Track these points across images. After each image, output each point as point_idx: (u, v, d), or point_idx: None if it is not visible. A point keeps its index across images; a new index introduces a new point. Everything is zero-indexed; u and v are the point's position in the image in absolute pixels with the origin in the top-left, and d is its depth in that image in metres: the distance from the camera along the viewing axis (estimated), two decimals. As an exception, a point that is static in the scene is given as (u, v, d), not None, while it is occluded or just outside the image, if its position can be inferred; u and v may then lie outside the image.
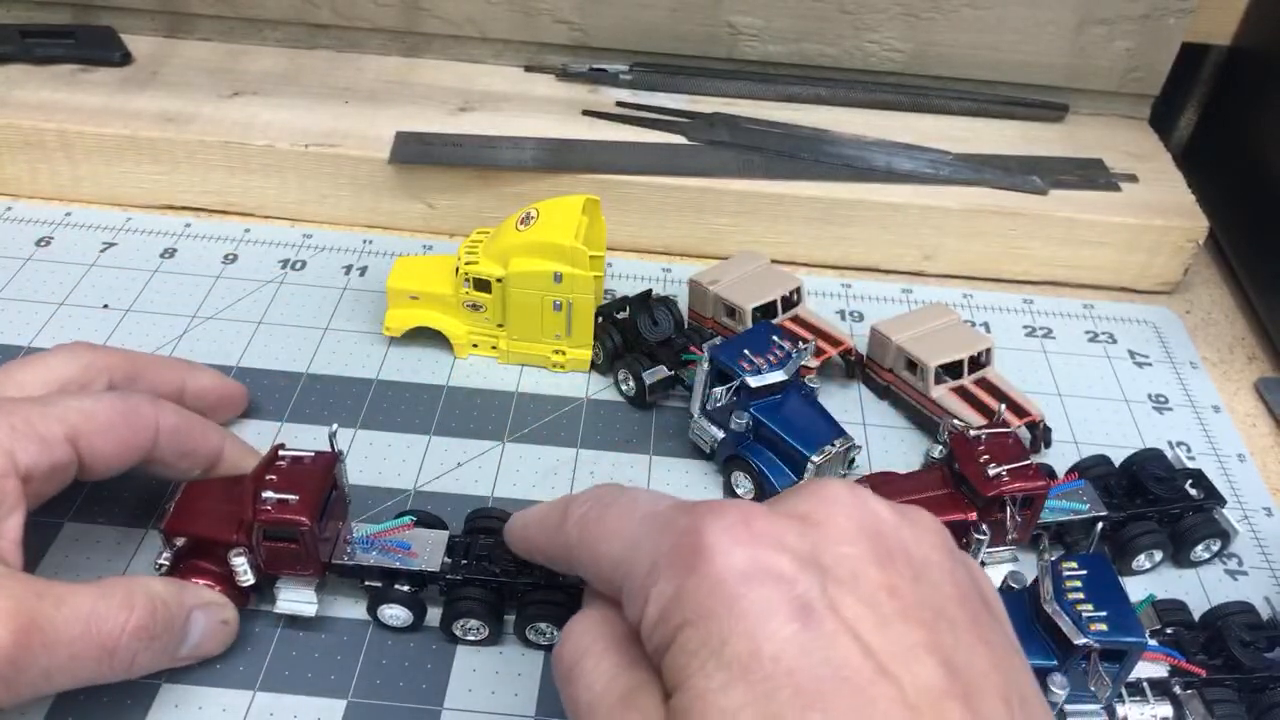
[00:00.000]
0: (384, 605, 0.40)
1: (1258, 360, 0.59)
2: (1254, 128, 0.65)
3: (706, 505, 0.28)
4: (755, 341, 0.47)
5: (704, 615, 0.26)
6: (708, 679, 0.25)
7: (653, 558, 0.28)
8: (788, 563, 0.26)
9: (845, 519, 0.28)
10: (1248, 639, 0.39)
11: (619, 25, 0.66)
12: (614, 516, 0.31)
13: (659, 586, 0.27)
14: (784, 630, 0.25)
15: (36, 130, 0.59)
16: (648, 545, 0.29)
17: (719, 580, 0.26)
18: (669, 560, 0.27)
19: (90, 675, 0.34)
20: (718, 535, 0.27)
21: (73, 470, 0.37)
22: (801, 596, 0.26)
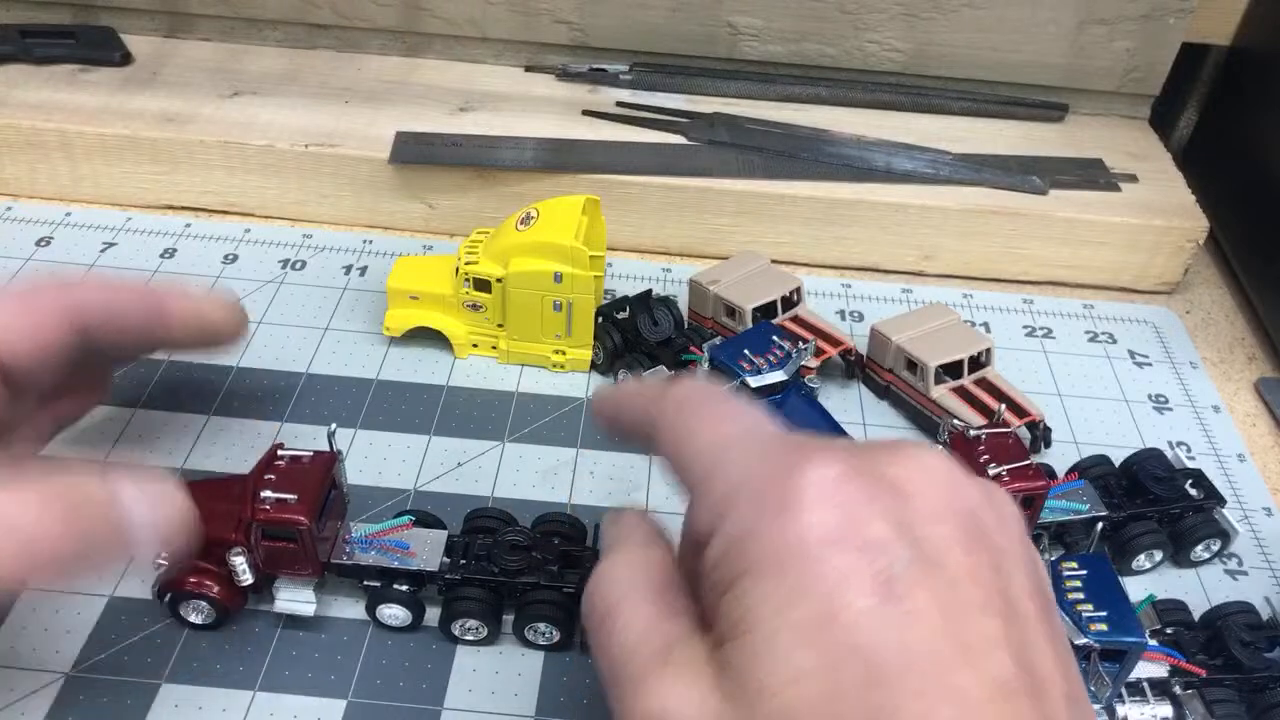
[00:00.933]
0: (383, 605, 0.40)
1: (1258, 360, 0.59)
2: (1254, 128, 0.65)
3: (812, 449, 0.27)
4: (755, 341, 0.47)
5: (777, 569, 0.25)
6: (771, 637, 0.24)
7: (739, 480, 0.27)
8: (877, 533, 0.25)
9: (937, 494, 0.26)
10: (1248, 639, 0.39)
11: (619, 25, 0.66)
12: (719, 412, 0.30)
13: (736, 517, 0.26)
14: (862, 602, 0.24)
15: (36, 130, 0.59)
16: (739, 462, 0.27)
17: (801, 538, 0.25)
18: (754, 493, 0.26)
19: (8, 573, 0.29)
20: (813, 488, 0.25)
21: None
22: (885, 571, 0.24)
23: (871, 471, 0.26)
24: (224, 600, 0.39)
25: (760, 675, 0.24)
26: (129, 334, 0.39)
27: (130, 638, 0.40)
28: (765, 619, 0.24)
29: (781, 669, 0.24)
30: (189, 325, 0.40)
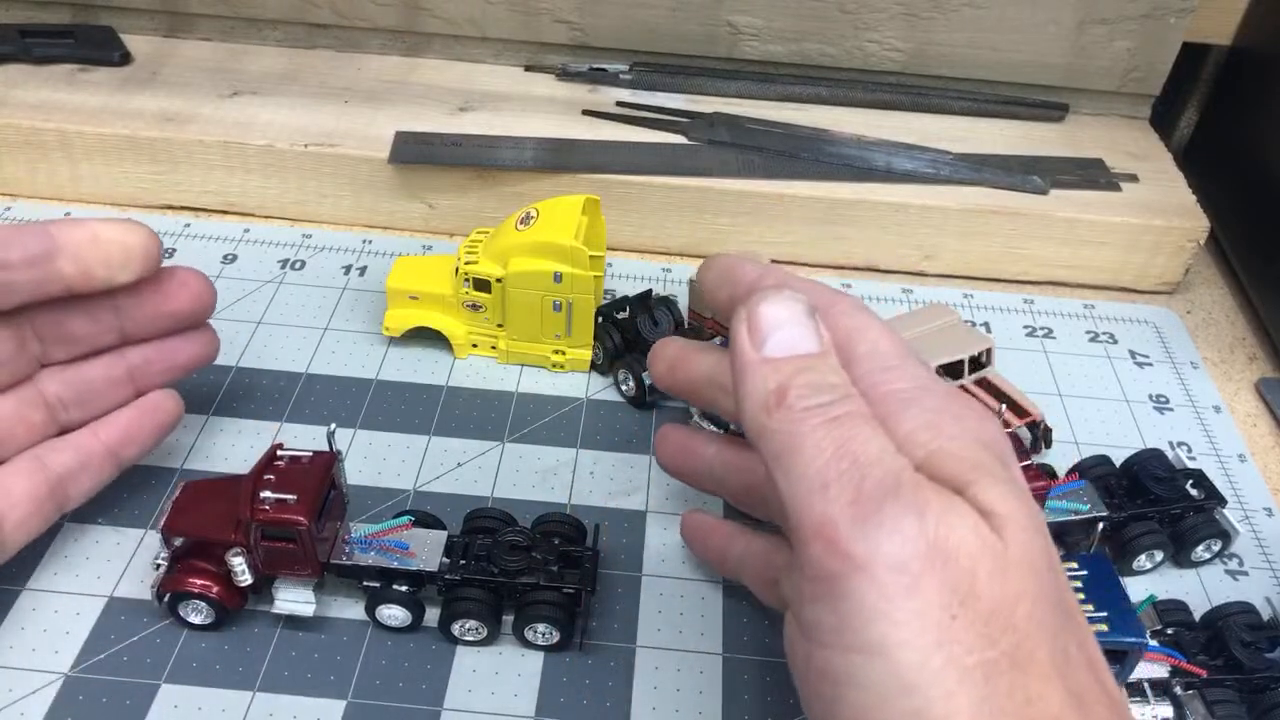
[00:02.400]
0: (382, 605, 0.40)
1: (1258, 360, 0.59)
2: (1254, 128, 0.65)
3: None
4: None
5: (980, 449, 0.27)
6: (1005, 494, 0.26)
7: (916, 379, 0.28)
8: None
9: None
10: (1248, 639, 0.39)
11: (619, 25, 0.66)
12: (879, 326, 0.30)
13: (923, 400, 0.27)
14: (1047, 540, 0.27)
15: (36, 130, 0.59)
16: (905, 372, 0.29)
17: (997, 433, 0.28)
18: (943, 397, 0.28)
19: None
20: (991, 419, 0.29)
21: None
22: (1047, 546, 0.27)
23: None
24: (223, 600, 0.39)
25: (1016, 517, 0.26)
26: (13, 269, 0.36)
27: (130, 638, 0.40)
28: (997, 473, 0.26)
29: (1027, 514, 0.26)
30: (89, 253, 0.38)
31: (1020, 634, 0.24)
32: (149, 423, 0.42)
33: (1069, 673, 0.24)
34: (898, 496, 0.25)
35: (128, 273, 0.39)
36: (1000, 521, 0.25)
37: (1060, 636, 0.25)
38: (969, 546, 0.24)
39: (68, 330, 0.40)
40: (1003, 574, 0.24)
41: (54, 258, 0.37)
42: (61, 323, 0.39)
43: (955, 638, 0.23)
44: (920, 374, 0.28)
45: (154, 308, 0.41)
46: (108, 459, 0.41)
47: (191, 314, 0.43)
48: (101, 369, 0.41)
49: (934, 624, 0.23)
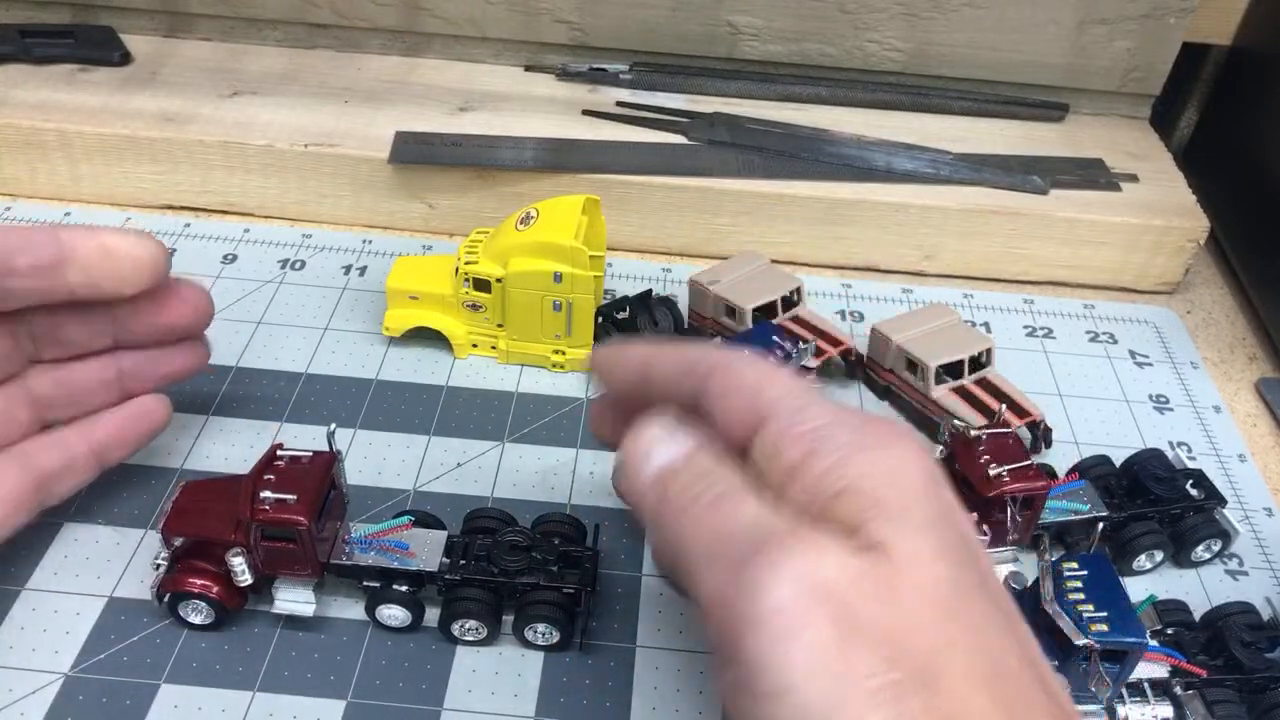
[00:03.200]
0: (382, 605, 0.40)
1: (1258, 360, 0.59)
2: (1254, 128, 0.65)
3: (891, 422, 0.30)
4: (755, 341, 0.47)
5: (894, 480, 0.27)
6: (903, 522, 0.26)
7: (831, 418, 0.29)
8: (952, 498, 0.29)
9: None
10: (1248, 639, 0.39)
11: (619, 25, 0.66)
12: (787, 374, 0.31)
13: (841, 438, 0.28)
14: (966, 524, 0.28)
15: (36, 130, 0.59)
16: (828, 408, 0.29)
17: (906, 467, 0.28)
18: (854, 429, 0.28)
19: None
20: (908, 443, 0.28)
21: None
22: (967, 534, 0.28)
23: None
24: (223, 600, 0.39)
25: (900, 549, 0.26)
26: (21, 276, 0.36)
27: (130, 638, 0.40)
28: (893, 509, 0.27)
29: (920, 545, 0.26)
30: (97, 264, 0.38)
31: (926, 654, 0.25)
32: (137, 427, 0.42)
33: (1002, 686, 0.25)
34: (768, 550, 0.26)
35: (134, 287, 0.39)
36: (889, 552, 0.26)
37: (988, 651, 0.25)
38: (842, 579, 0.25)
39: (63, 333, 0.40)
40: (892, 601, 0.25)
41: (62, 267, 0.37)
42: (58, 326, 0.39)
43: (851, 666, 0.24)
44: (830, 411, 0.29)
45: (152, 318, 0.41)
46: (92, 459, 0.41)
47: (188, 328, 0.43)
48: (92, 371, 0.41)
49: (827, 656, 0.24)
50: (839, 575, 0.25)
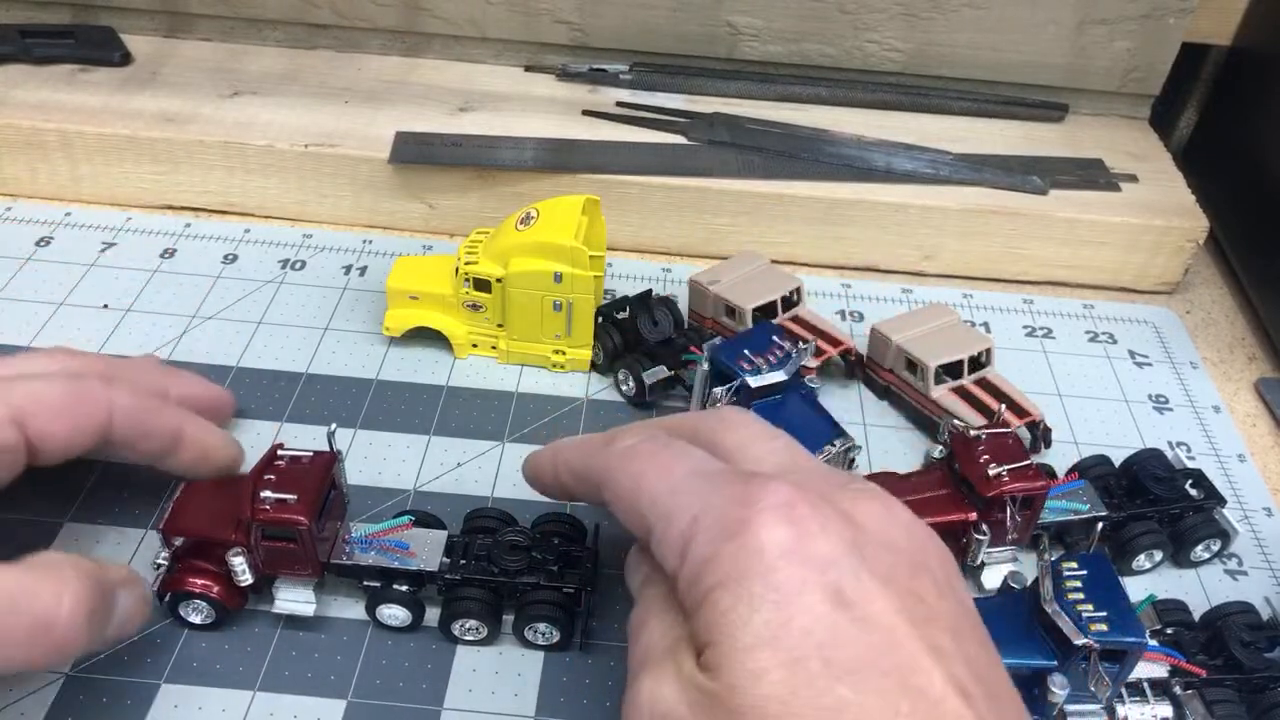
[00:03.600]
0: (382, 605, 0.40)
1: (1258, 360, 0.59)
2: (1254, 128, 0.65)
3: (761, 480, 0.30)
4: (755, 341, 0.47)
5: (739, 580, 0.27)
6: (735, 638, 0.27)
7: (694, 513, 0.29)
8: (827, 549, 0.28)
9: (884, 527, 0.29)
10: (1248, 639, 0.39)
11: (619, 25, 0.66)
12: (665, 458, 0.32)
13: (697, 545, 0.29)
14: (817, 608, 0.27)
15: (36, 130, 0.59)
16: (692, 499, 0.30)
17: (759, 550, 0.27)
18: (713, 522, 0.29)
19: (24, 657, 0.32)
20: (765, 511, 0.28)
21: (21, 455, 0.36)
22: (835, 583, 0.27)
23: (823, 499, 0.29)
24: (224, 600, 0.39)
25: (729, 675, 0.26)
26: (140, 446, 0.40)
27: (130, 638, 0.40)
28: (731, 626, 0.27)
29: (747, 667, 0.26)
30: (194, 461, 0.42)
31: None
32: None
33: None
34: (632, 680, 0.30)
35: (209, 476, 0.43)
36: (723, 676, 0.27)
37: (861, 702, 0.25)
38: (679, 709, 0.27)
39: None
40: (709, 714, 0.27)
41: (168, 458, 0.41)
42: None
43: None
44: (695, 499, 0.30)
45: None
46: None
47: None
48: None
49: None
50: (675, 705, 0.27)
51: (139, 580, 0.37)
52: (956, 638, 0.27)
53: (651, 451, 0.33)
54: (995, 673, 0.28)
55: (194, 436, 0.41)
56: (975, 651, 0.28)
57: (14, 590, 0.31)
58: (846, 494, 0.30)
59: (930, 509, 0.42)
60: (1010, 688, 0.28)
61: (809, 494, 0.29)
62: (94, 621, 0.33)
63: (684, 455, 0.32)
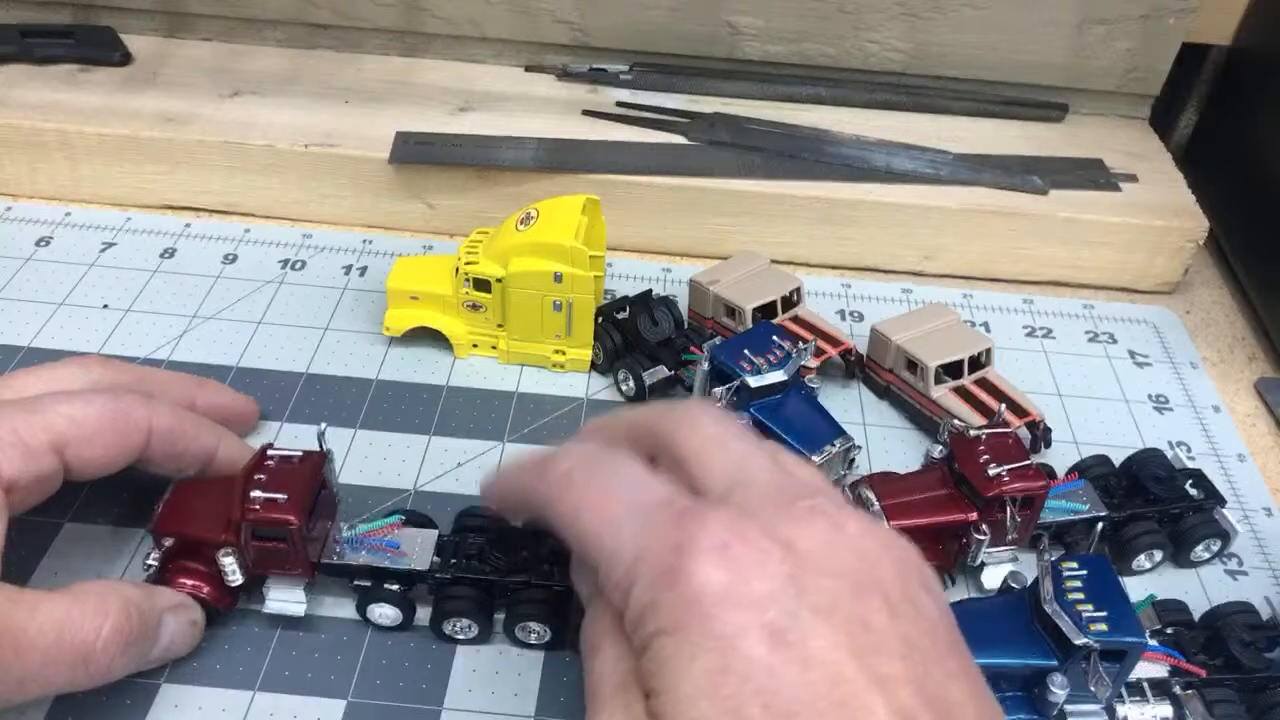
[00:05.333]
0: (373, 604, 0.40)
1: (1258, 360, 0.59)
2: (1254, 128, 0.65)
3: (693, 515, 0.29)
4: (755, 341, 0.47)
5: (677, 628, 0.27)
6: (677, 689, 0.26)
7: (633, 556, 0.29)
8: (763, 590, 0.27)
9: (826, 551, 0.28)
10: (1248, 639, 0.39)
11: (619, 25, 0.66)
12: (599, 487, 0.32)
13: (637, 591, 0.28)
14: (754, 652, 0.26)
15: (36, 130, 0.59)
16: (630, 541, 0.29)
17: (695, 599, 0.27)
18: (649, 568, 0.28)
19: (65, 682, 0.33)
20: (699, 556, 0.28)
21: (59, 479, 0.37)
22: (772, 623, 0.27)
23: (763, 532, 0.28)
24: (214, 601, 0.39)
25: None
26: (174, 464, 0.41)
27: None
28: (671, 676, 0.27)
29: (689, 717, 0.26)
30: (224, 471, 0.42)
31: None
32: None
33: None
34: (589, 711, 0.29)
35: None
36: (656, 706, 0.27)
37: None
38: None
39: None
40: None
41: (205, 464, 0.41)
42: None
43: None
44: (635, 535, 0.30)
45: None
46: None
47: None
48: None
49: None
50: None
51: (189, 605, 0.38)
52: (908, 659, 0.27)
53: (585, 480, 0.32)
54: (957, 686, 0.27)
55: (225, 458, 0.42)
56: (932, 669, 0.27)
57: (61, 620, 0.33)
58: (793, 514, 0.29)
59: (930, 509, 0.42)
60: (978, 695, 0.28)
61: (746, 527, 0.28)
62: (132, 650, 0.35)
63: (619, 482, 0.31)
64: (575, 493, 0.32)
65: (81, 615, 0.33)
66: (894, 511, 0.42)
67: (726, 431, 0.33)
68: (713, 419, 0.34)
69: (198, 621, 0.38)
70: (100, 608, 0.34)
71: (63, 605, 0.33)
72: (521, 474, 0.36)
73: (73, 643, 0.33)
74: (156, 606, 0.36)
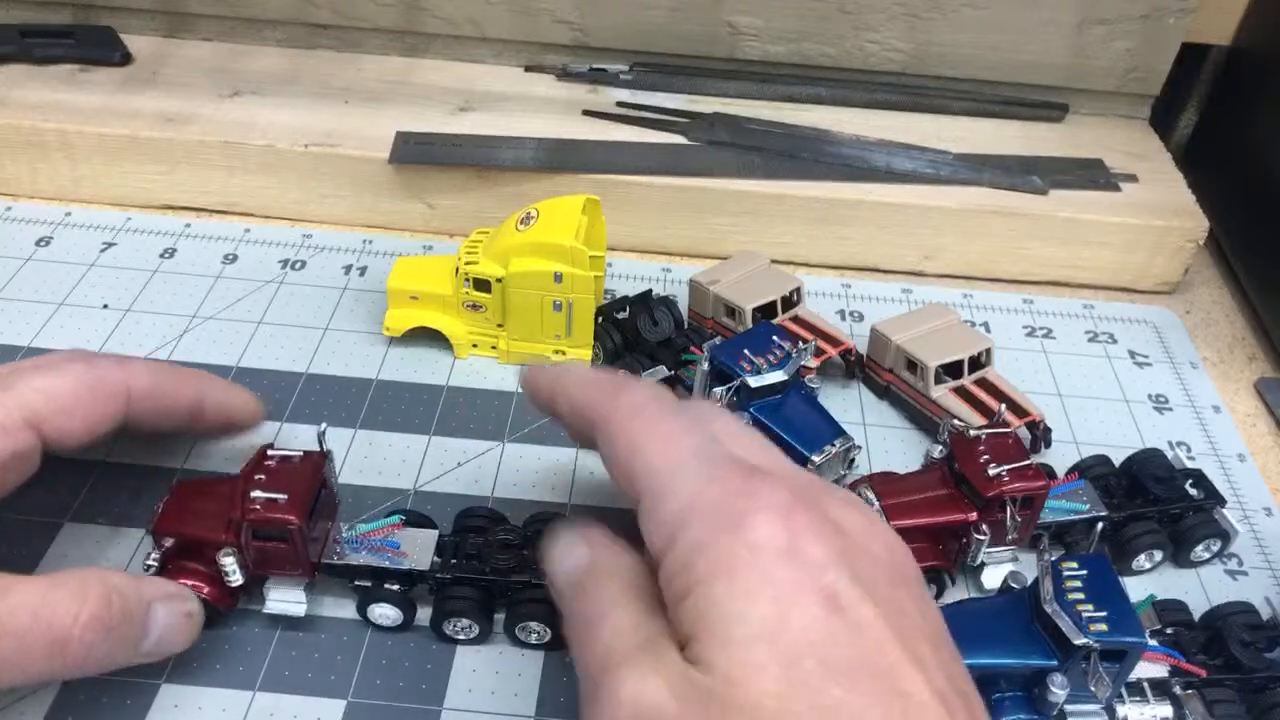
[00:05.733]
0: (373, 604, 0.40)
1: (1258, 360, 0.59)
2: (1254, 128, 0.65)
3: (762, 478, 0.29)
4: (755, 341, 0.47)
5: (734, 572, 0.27)
6: (729, 632, 0.26)
7: (691, 499, 0.29)
8: (821, 554, 0.28)
9: (869, 538, 0.29)
10: (1248, 639, 0.39)
11: (619, 25, 0.66)
12: (671, 427, 0.31)
13: (691, 532, 0.28)
14: (812, 610, 0.27)
15: (36, 130, 0.59)
16: (691, 481, 0.29)
17: (758, 547, 0.27)
18: (710, 511, 0.28)
19: (42, 669, 0.32)
20: (765, 512, 0.28)
21: (37, 455, 0.36)
22: (830, 586, 0.27)
23: (816, 505, 0.29)
24: (214, 601, 0.39)
25: (724, 666, 0.26)
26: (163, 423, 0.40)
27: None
28: (725, 618, 0.27)
29: (745, 660, 0.26)
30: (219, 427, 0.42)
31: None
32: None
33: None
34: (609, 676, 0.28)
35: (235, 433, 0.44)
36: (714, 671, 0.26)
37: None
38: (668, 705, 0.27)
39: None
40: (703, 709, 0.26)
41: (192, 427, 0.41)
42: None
43: None
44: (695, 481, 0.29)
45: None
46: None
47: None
48: None
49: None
50: (664, 700, 0.27)
51: (184, 596, 0.37)
52: (935, 650, 0.28)
53: (657, 416, 0.32)
54: (968, 686, 0.28)
55: (215, 403, 0.41)
56: (950, 664, 0.28)
57: (35, 605, 0.32)
58: (834, 502, 0.30)
59: (930, 509, 0.42)
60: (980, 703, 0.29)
61: (807, 499, 0.29)
62: (115, 637, 0.33)
63: (689, 430, 0.31)
64: (643, 424, 0.32)
65: (58, 599, 0.32)
66: (894, 511, 0.42)
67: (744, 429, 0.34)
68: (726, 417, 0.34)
69: (193, 614, 0.37)
70: (79, 592, 0.33)
71: (39, 589, 0.32)
72: (584, 386, 0.35)
73: (48, 627, 0.32)
74: (144, 596, 0.35)
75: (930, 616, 0.29)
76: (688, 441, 0.31)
